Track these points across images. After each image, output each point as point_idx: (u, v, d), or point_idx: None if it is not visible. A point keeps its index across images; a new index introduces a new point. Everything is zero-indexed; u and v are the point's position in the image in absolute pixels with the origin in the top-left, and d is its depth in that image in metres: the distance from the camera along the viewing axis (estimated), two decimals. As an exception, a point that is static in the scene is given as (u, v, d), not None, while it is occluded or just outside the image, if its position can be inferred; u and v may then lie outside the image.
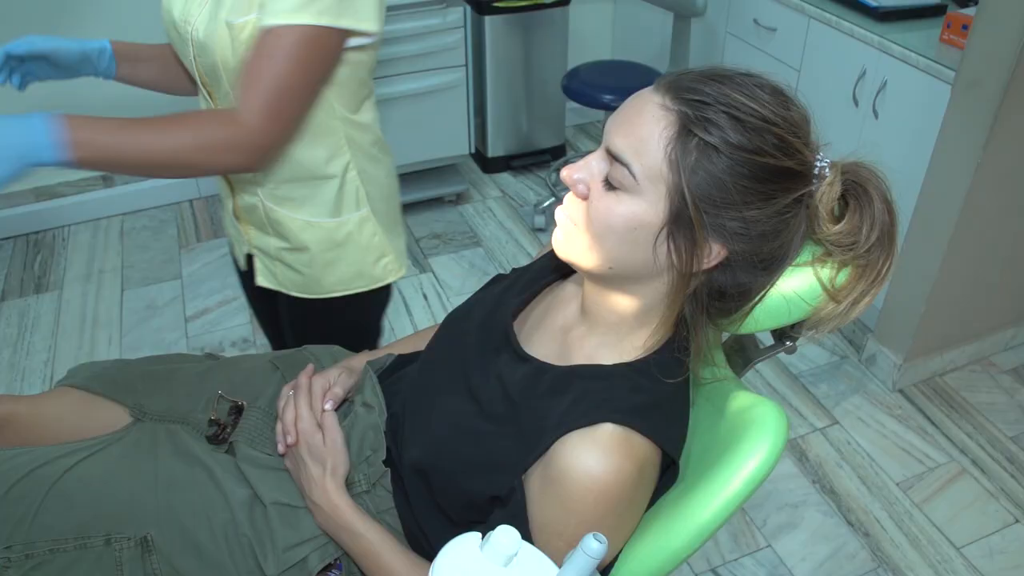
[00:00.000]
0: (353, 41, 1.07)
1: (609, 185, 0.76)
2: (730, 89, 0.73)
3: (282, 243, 1.24)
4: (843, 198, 0.79)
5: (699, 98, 0.72)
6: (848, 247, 0.79)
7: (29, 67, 1.19)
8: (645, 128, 0.74)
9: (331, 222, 1.22)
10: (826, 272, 0.81)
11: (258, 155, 1.04)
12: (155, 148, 0.98)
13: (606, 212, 0.76)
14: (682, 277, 0.77)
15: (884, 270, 0.79)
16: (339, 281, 1.26)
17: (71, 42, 1.19)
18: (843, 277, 0.80)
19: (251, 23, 1.03)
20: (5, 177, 0.89)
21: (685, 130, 0.72)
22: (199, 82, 1.16)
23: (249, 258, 1.33)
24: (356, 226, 1.23)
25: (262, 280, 1.31)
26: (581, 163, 0.79)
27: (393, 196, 1.31)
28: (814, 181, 0.77)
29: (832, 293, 0.80)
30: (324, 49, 1.04)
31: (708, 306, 0.81)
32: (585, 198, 0.78)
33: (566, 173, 0.79)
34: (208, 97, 1.17)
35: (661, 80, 0.77)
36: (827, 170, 0.77)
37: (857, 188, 0.78)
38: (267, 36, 1.01)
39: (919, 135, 2.05)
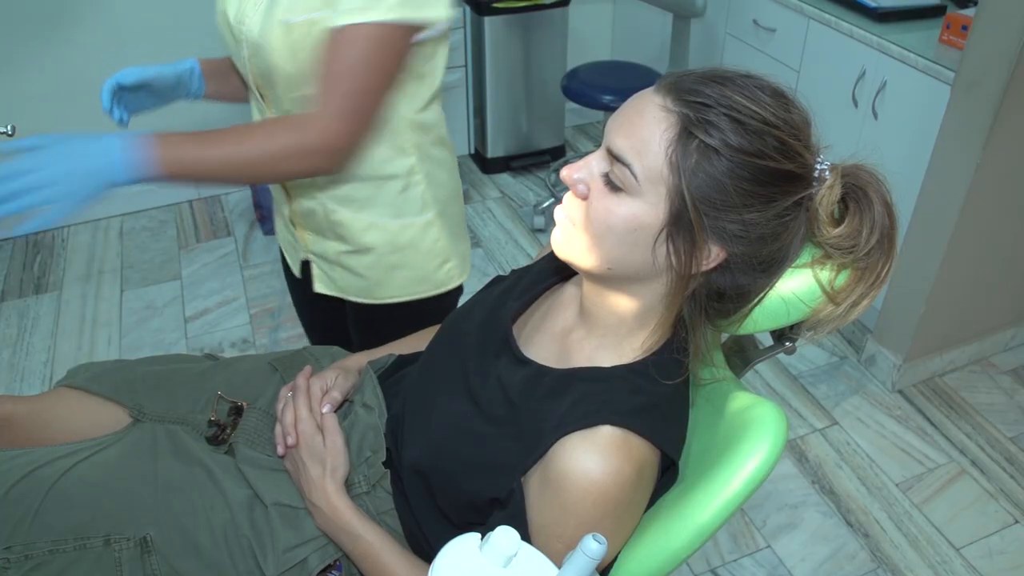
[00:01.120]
0: (419, 35, 1.05)
1: (609, 185, 0.76)
2: (731, 91, 0.73)
3: (343, 246, 1.22)
4: (843, 201, 0.79)
5: (700, 100, 0.72)
6: (848, 250, 0.78)
7: (129, 99, 1.18)
8: (646, 129, 0.74)
9: (395, 224, 1.19)
10: (825, 274, 0.81)
11: (337, 158, 1.03)
12: (236, 159, 0.98)
13: (606, 212, 0.76)
14: (681, 278, 0.77)
15: (883, 273, 0.79)
16: (402, 286, 1.24)
17: (165, 67, 1.18)
18: (842, 279, 0.80)
19: (308, 23, 1.01)
20: (87, 197, 0.89)
21: (686, 132, 0.72)
22: (252, 86, 1.14)
23: (305, 265, 1.31)
24: (420, 231, 1.21)
25: (320, 287, 1.29)
26: (581, 163, 0.79)
27: (457, 198, 1.28)
28: (814, 184, 0.77)
29: (831, 295, 0.80)
30: (396, 46, 1.02)
31: (707, 307, 0.81)
32: (585, 198, 0.78)
33: (566, 173, 0.79)
34: (261, 100, 1.15)
35: (662, 81, 0.77)
36: (827, 173, 0.77)
37: (857, 191, 0.78)
38: (339, 36, 0.99)
39: (919, 136, 2.05)
